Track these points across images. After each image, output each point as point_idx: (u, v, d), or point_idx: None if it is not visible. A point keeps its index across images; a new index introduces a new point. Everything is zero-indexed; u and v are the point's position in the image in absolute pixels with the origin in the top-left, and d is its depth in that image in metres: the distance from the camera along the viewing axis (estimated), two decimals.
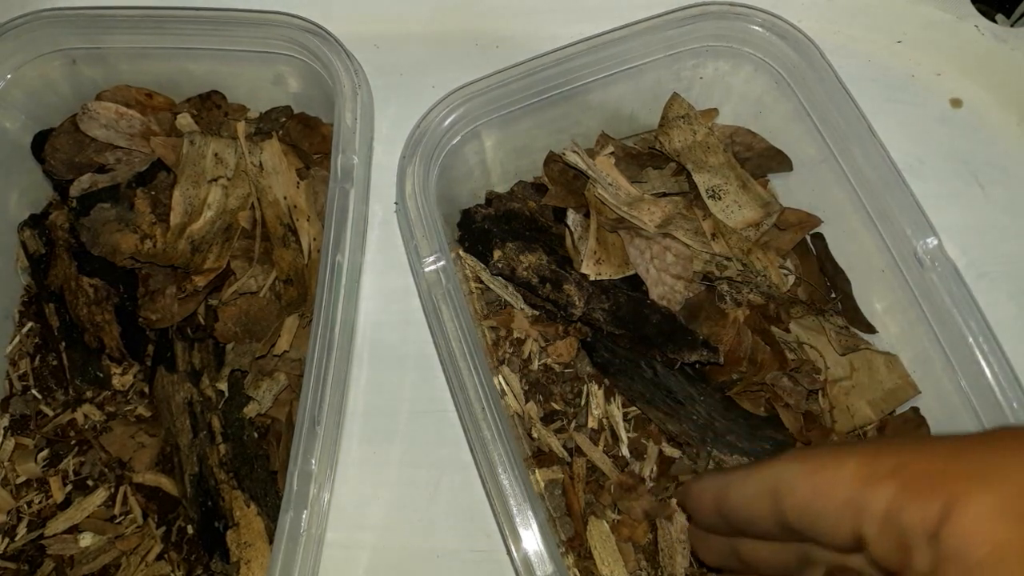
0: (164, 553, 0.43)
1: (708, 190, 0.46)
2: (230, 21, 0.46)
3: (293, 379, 0.46)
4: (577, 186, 0.48)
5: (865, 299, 0.45)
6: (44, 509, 0.45)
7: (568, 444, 0.44)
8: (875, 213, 0.41)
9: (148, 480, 0.45)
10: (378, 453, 0.45)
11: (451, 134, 0.43)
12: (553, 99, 0.44)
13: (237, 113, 0.52)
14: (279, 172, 0.48)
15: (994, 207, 0.49)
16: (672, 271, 0.45)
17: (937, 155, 0.50)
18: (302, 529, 0.35)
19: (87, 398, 0.47)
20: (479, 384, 0.37)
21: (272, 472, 0.44)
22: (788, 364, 0.44)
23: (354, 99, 0.44)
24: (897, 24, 0.53)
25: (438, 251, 0.39)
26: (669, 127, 0.48)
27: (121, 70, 0.50)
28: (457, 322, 0.38)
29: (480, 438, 0.36)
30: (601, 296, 0.44)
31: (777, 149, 0.48)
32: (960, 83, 0.52)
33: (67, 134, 0.50)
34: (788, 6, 0.47)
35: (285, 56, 0.47)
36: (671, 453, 0.43)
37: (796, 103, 0.44)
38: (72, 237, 0.48)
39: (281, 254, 0.47)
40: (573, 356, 0.45)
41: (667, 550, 0.41)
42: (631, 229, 0.46)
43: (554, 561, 0.34)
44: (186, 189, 0.47)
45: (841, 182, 0.42)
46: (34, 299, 0.50)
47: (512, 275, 0.45)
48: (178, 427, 0.45)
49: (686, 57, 0.46)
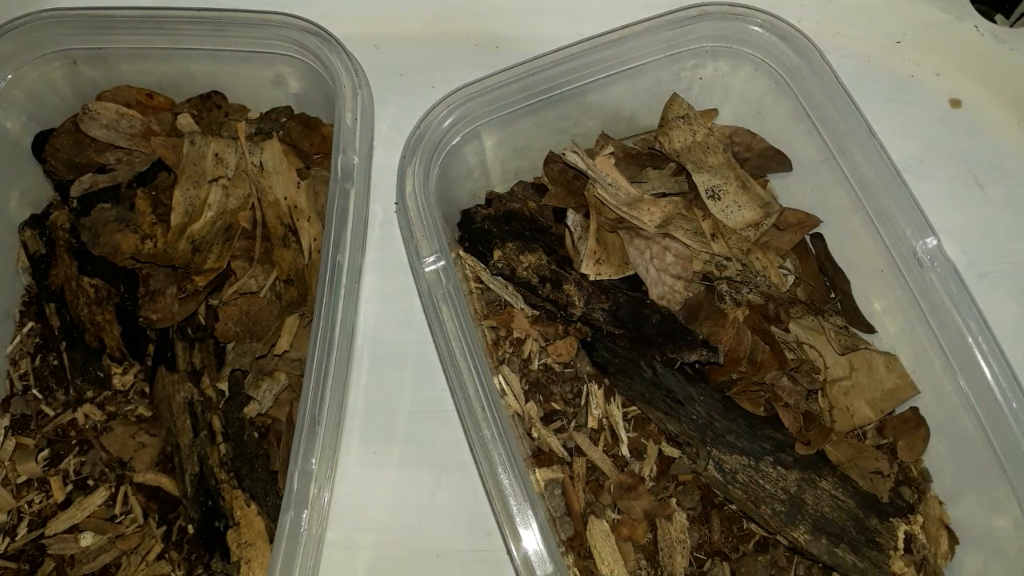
0: (164, 552, 0.43)
1: (708, 190, 0.46)
2: (230, 21, 0.46)
3: (293, 379, 0.46)
4: (577, 186, 0.48)
5: (864, 299, 0.45)
6: (45, 509, 0.45)
7: (568, 444, 0.44)
8: (874, 213, 0.41)
9: (149, 480, 0.45)
10: (378, 453, 0.45)
11: (451, 134, 0.43)
12: (553, 99, 0.45)
13: (238, 113, 0.52)
14: (279, 172, 0.48)
15: (994, 207, 0.49)
16: (672, 271, 0.46)
17: (937, 155, 0.50)
18: (302, 529, 0.36)
19: (88, 398, 0.47)
20: (479, 384, 0.37)
21: (272, 472, 0.44)
22: (787, 364, 0.44)
23: (354, 99, 0.44)
24: (897, 24, 0.53)
25: (438, 251, 0.39)
26: (669, 127, 0.48)
27: (121, 70, 0.50)
28: (457, 322, 0.38)
29: (480, 438, 0.36)
30: (601, 296, 0.44)
31: (777, 149, 0.48)
32: (960, 83, 0.52)
33: (68, 134, 0.50)
34: (788, 6, 0.47)
35: (285, 56, 0.47)
36: (671, 453, 0.43)
37: (796, 103, 0.44)
38: (73, 237, 0.48)
39: (281, 254, 0.47)
40: (573, 356, 0.45)
41: (667, 550, 0.41)
42: (631, 229, 0.46)
43: (554, 561, 0.34)
44: (187, 189, 0.47)
45: (841, 182, 0.43)
46: (35, 299, 0.50)
47: (512, 275, 0.45)
48: (179, 427, 0.45)
49: (686, 58, 0.46)
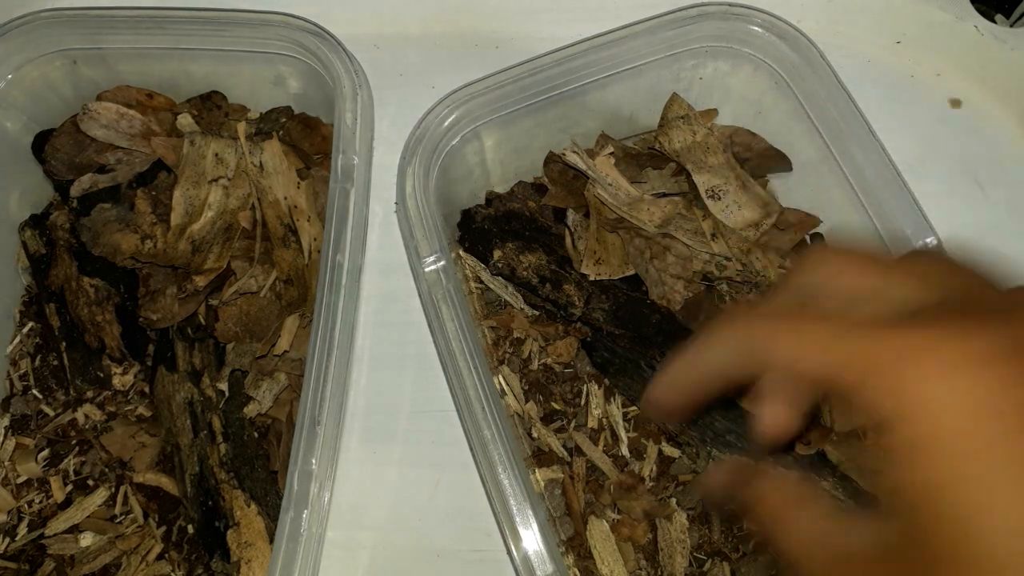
0: (165, 553, 0.43)
1: (708, 190, 0.46)
2: (230, 21, 0.46)
3: (293, 379, 0.46)
4: (577, 186, 0.48)
5: None
6: (45, 509, 0.45)
7: (568, 444, 0.44)
8: (874, 213, 0.41)
9: (148, 480, 0.45)
10: (378, 453, 0.45)
11: (451, 134, 0.43)
12: (553, 99, 0.45)
13: (237, 113, 0.52)
14: (279, 172, 0.48)
15: (994, 207, 0.49)
16: (672, 271, 0.46)
17: (937, 155, 0.50)
18: (302, 529, 0.36)
19: (88, 398, 0.47)
20: (479, 384, 0.37)
21: (272, 472, 0.44)
22: None
23: (354, 99, 0.44)
24: (897, 24, 0.53)
25: (438, 251, 0.39)
26: (669, 127, 0.48)
27: (121, 70, 0.50)
28: (457, 322, 0.38)
29: (480, 438, 0.36)
30: (601, 296, 0.44)
31: (776, 149, 0.48)
32: (960, 83, 0.52)
33: (68, 134, 0.50)
34: (788, 6, 0.47)
35: (285, 56, 0.47)
36: (671, 453, 0.43)
37: (795, 103, 0.44)
38: (73, 237, 0.48)
39: (281, 254, 0.47)
40: (573, 356, 0.45)
41: (667, 550, 0.41)
42: (631, 229, 0.46)
43: (554, 561, 0.34)
44: (187, 189, 0.47)
45: (840, 182, 0.42)
46: (35, 299, 0.50)
47: (512, 275, 0.45)
48: (178, 427, 0.45)
49: (685, 58, 0.46)
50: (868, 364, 0.22)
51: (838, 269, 0.26)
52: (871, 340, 0.22)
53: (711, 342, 0.27)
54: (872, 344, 0.22)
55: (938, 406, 0.20)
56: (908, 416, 0.21)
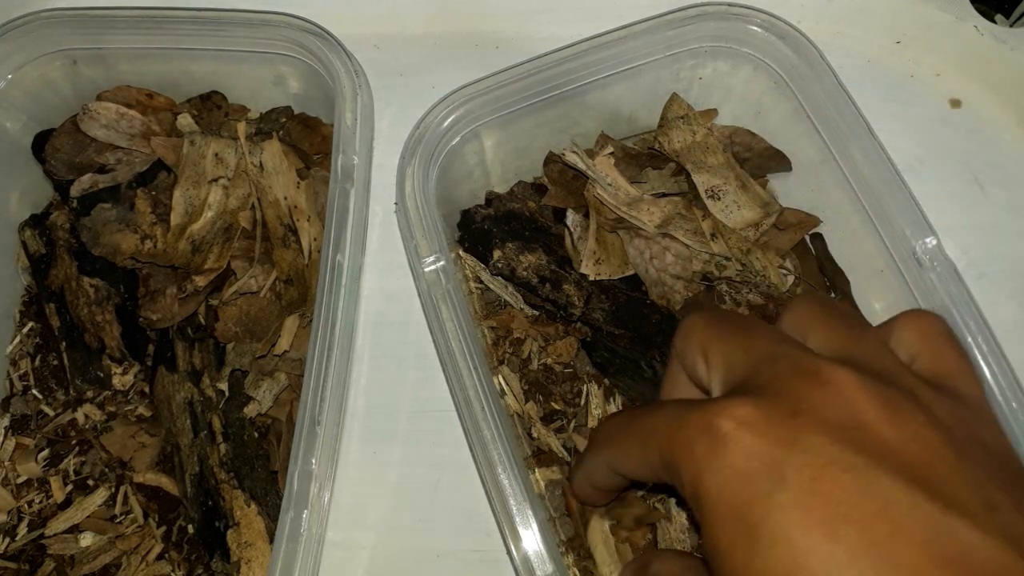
0: (165, 553, 0.43)
1: (707, 190, 0.46)
2: (230, 21, 0.46)
3: (293, 379, 0.46)
4: (577, 186, 0.48)
5: (864, 299, 0.45)
6: (44, 509, 0.45)
7: (568, 444, 0.44)
8: (874, 213, 0.41)
9: (148, 480, 0.45)
10: (378, 453, 0.45)
11: (451, 134, 0.43)
12: (553, 99, 0.45)
13: (237, 113, 0.52)
14: (279, 172, 0.48)
15: (994, 207, 0.49)
16: (672, 271, 0.46)
17: (936, 155, 0.50)
18: (302, 529, 0.36)
19: (88, 398, 0.47)
20: (479, 384, 0.37)
21: (272, 472, 0.44)
22: None
23: (354, 99, 0.44)
24: (897, 24, 0.53)
25: (438, 251, 0.39)
26: (668, 127, 0.48)
27: (121, 70, 0.50)
28: (457, 322, 0.38)
29: (480, 438, 0.36)
30: (601, 296, 0.44)
31: (776, 149, 0.48)
32: (960, 83, 0.52)
33: (68, 134, 0.50)
34: (787, 6, 0.47)
35: (285, 56, 0.47)
36: None
37: (795, 103, 0.44)
38: (73, 237, 0.48)
39: (281, 254, 0.47)
40: (573, 356, 0.45)
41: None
42: (631, 229, 0.46)
43: (554, 561, 0.34)
44: (186, 189, 0.47)
45: (840, 182, 0.42)
46: (34, 299, 0.50)
47: (512, 275, 0.45)
48: (178, 427, 0.45)
49: (685, 58, 0.46)
50: (677, 447, 0.25)
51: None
52: (680, 426, 0.25)
53: (610, 452, 0.32)
54: (679, 430, 0.25)
55: (708, 478, 0.24)
56: (691, 487, 0.24)
